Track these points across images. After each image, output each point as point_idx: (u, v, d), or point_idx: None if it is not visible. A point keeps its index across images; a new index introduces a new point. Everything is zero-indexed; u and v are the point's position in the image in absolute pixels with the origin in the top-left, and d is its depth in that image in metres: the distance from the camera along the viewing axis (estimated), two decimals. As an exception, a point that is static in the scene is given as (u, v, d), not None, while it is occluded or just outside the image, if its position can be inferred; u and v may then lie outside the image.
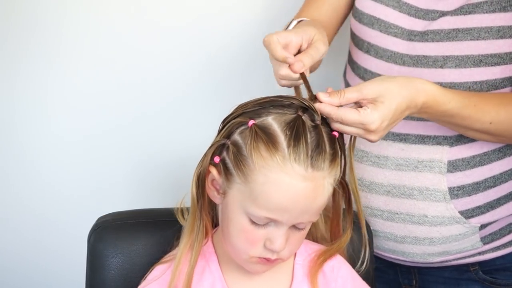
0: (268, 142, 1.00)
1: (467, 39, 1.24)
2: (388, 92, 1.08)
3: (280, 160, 0.99)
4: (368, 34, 1.34)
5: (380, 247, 1.36)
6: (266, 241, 1.03)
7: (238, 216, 1.04)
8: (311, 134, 1.02)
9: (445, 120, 1.19)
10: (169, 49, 1.68)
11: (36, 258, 1.76)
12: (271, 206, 1.00)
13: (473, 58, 1.24)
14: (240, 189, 1.03)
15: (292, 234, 1.05)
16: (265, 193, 1.00)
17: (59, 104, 1.68)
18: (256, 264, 1.06)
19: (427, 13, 1.29)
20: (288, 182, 0.99)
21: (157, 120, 1.71)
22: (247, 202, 1.02)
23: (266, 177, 1.00)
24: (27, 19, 1.62)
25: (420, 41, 1.29)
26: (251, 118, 1.03)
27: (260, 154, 1.00)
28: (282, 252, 1.05)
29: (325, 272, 1.15)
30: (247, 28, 1.68)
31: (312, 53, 1.11)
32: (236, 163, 1.02)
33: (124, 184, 1.74)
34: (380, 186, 1.32)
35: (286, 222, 1.02)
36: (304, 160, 0.99)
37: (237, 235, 1.05)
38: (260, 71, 1.62)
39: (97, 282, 1.20)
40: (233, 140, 1.04)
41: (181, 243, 1.10)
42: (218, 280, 1.11)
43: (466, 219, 1.29)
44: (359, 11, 1.37)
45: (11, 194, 1.72)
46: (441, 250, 1.32)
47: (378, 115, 1.07)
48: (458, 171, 1.28)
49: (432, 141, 1.29)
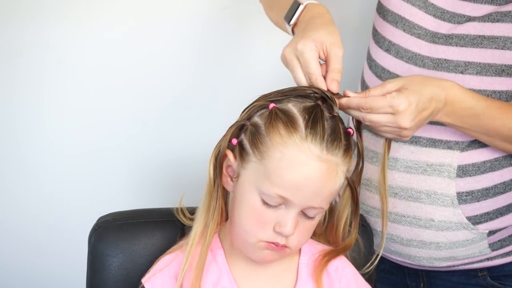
0: (287, 122, 1.02)
1: (492, 47, 1.22)
2: (410, 82, 1.12)
3: (297, 139, 1.01)
4: (391, 33, 1.31)
5: (387, 249, 1.35)
6: (275, 224, 1.04)
7: (251, 195, 1.05)
8: (328, 122, 1.04)
9: (470, 122, 1.17)
10: (168, 50, 1.68)
11: (37, 258, 1.77)
12: (284, 183, 1.02)
13: (496, 67, 1.22)
14: (255, 167, 1.04)
15: (302, 222, 1.06)
16: (279, 169, 1.02)
17: (58, 105, 1.69)
18: (263, 250, 1.07)
19: (454, 16, 1.26)
20: (303, 160, 1.01)
21: (157, 120, 1.71)
22: (261, 180, 1.03)
23: (282, 154, 1.01)
24: (27, 19, 1.62)
25: (443, 44, 1.26)
26: (272, 102, 1.06)
27: (278, 132, 1.02)
28: (290, 240, 1.05)
29: (329, 272, 1.15)
30: (248, 26, 1.67)
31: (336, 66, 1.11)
32: (254, 142, 1.04)
33: (125, 184, 1.75)
34: (388, 188, 1.29)
35: (298, 202, 1.03)
36: (320, 142, 1.02)
37: (248, 216, 1.06)
38: (261, 71, 1.62)
39: (97, 282, 1.20)
40: (253, 121, 1.06)
41: (196, 223, 1.10)
42: (225, 273, 1.12)
43: (474, 225, 1.27)
44: (384, 8, 1.34)
45: (11, 195, 1.73)
46: (448, 255, 1.30)
47: (404, 96, 1.09)
48: (467, 176, 1.26)
49: (443, 145, 1.27)
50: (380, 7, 1.35)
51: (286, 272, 1.15)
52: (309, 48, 1.10)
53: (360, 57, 1.50)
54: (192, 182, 1.10)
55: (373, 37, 1.38)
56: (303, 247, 1.16)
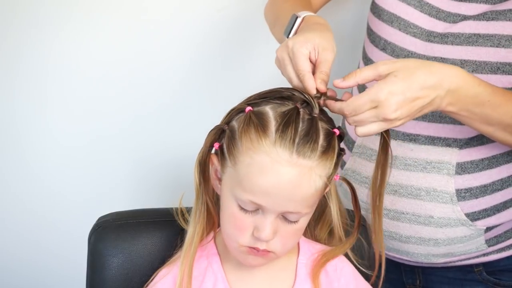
0: (258, 126, 1.00)
1: (487, 45, 1.22)
2: (402, 68, 1.04)
3: (266, 144, 0.99)
4: (387, 32, 1.31)
5: (384, 246, 1.33)
6: (254, 229, 1.03)
7: (229, 201, 1.04)
8: (304, 123, 1.01)
9: (475, 111, 1.12)
10: (167, 50, 1.67)
11: (37, 258, 1.76)
12: (255, 189, 1.00)
13: (491, 64, 1.22)
14: (230, 172, 1.03)
15: (284, 227, 1.03)
16: (249, 175, 1.00)
17: (58, 105, 1.68)
18: (247, 254, 1.05)
19: (449, 15, 1.26)
20: (271, 166, 0.98)
21: (156, 120, 1.71)
22: (234, 186, 1.02)
23: (251, 159, 0.99)
24: (27, 19, 1.61)
25: (439, 43, 1.26)
26: (249, 105, 1.03)
27: (249, 137, 1.00)
28: (272, 244, 1.03)
29: (328, 271, 1.15)
30: (245, 27, 1.66)
31: (324, 69, 1.08)
32: (228, 146, 1.03)
33: (125, 184, 1.74)
34: (387, 185, 1.28)
35: (271, 208, 1.01)
36: (289, 146, 0.98)
37: (227, 221, 1.05)
38: (258, 71, 1.61)
39: (97, 282, 1.19)
40: (231, 125, 1.05)
41: (188, 232, 1.10)
42: (220, 279, 1.11)
43: (472, 222, 1.28)
44: (379, 7, 1.33)
45: (11, 195, 1.72)
46: (446, 252, 1.31)
47: (384, 86, 1.03)
48: (466, 173, 1.26)
49: (442, 143, 1.27)
50: (375, 7, 1.35)
51: (284, 272, 1.14)
52: (299, 44, 1.08)
53: (355, 57, 1.50)
54: (191, 182, 1.09)
55: (368, 36, 1.38)
56: (302, 247, 1.15)
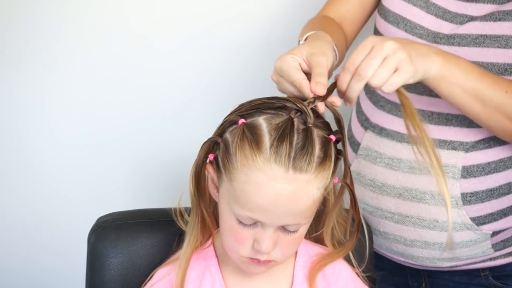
0: (252, 141, 0.98)
1: (494, 46, 1.20)
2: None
3: (261, 160, 0.97)
4: (393, 33, 1.29)
5: (389, 250, 1.34)
6: (254, 242, 1.02)
7: (227, 215, 1.03)
8: (299, 136, 0.98)
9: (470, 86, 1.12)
10: (167, 51, 1.67)
11: (36, 258, 1.77)
12: (252, 206, 0.99)
13: (498, 66, 1.20)
14: (226, 187, 1.02)
15: (283, 237, 1.03)
16: (245, 193, 0.98)
17: (59, 104, 1.68)
18: (249, 264, 1.05)
19: (455, 16, 1.25)
20: (267, 183, 0.97)
21: (156, 121, 1.71)
22: (231, 201, 1.01)
23: (247, 177, 0.98)
24: (27, 19, 1.61)
25: (445, 44, 1.24)
26: (242, 117, 1.01)
27: (243, 153, 0.98)
28: (273, 254, 1.03)
29: (325, 274, 1.14)
30: (246, 30, 1.66)
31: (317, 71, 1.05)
32: (223, 161, 1.01)
33: (124, 184, 1.74)
34: (392, 189, 1.29)
35: (270, 223, 1.00)
36: (285, 161, 0.96)
37: (227, 233, 1.04)
38: (259, 72, 1.59)
39: (97, 282, 1.19)
40: (224, 138, 1.03)
41: (186, 238, 1.10)
42: (218, 282, 1.11)
43: (478, 226, 1.26)
44: (385, 9, 1.32)
45: (11, 194, 1.73)
46: (451, 256, 1.30)
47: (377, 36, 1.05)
48: (472, 177, 1.24)
49: (448, 146, 1.25)
50: (382, 9, 1.34)
51: (282, 275, 1.13)
52: (286, 61, 1.06)
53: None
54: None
55: None
56: (299, 250, 1.14)
